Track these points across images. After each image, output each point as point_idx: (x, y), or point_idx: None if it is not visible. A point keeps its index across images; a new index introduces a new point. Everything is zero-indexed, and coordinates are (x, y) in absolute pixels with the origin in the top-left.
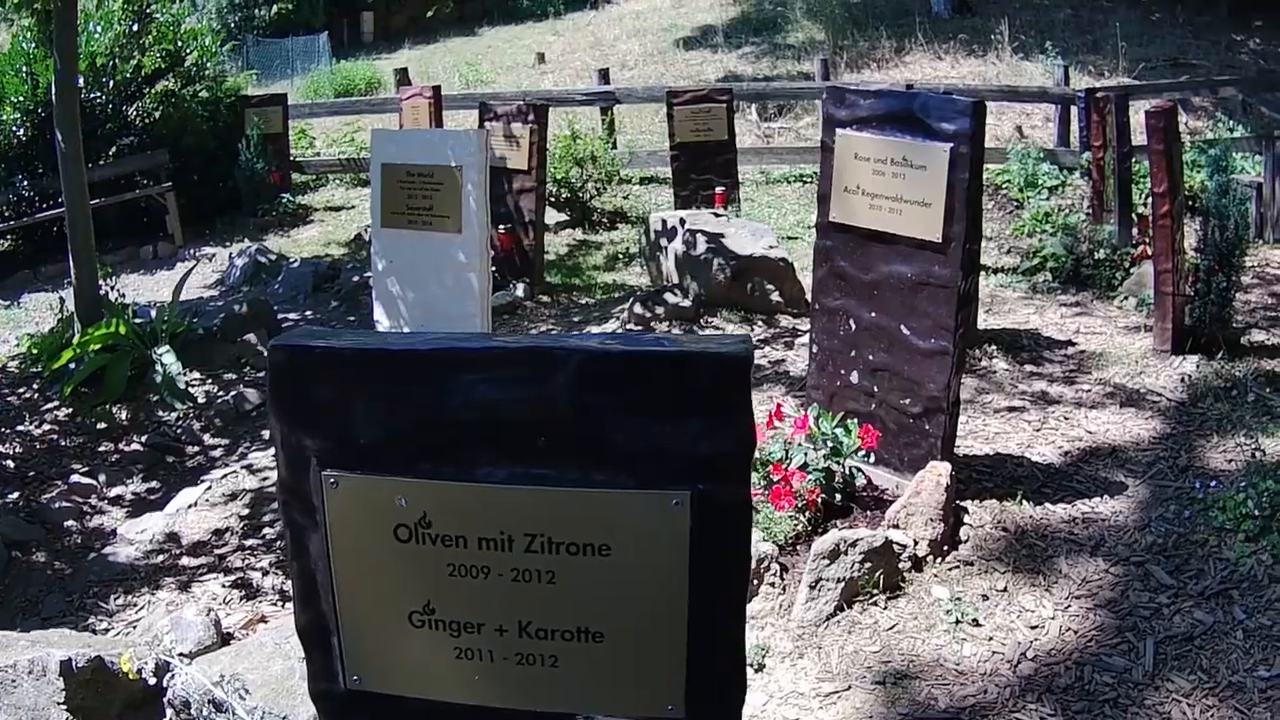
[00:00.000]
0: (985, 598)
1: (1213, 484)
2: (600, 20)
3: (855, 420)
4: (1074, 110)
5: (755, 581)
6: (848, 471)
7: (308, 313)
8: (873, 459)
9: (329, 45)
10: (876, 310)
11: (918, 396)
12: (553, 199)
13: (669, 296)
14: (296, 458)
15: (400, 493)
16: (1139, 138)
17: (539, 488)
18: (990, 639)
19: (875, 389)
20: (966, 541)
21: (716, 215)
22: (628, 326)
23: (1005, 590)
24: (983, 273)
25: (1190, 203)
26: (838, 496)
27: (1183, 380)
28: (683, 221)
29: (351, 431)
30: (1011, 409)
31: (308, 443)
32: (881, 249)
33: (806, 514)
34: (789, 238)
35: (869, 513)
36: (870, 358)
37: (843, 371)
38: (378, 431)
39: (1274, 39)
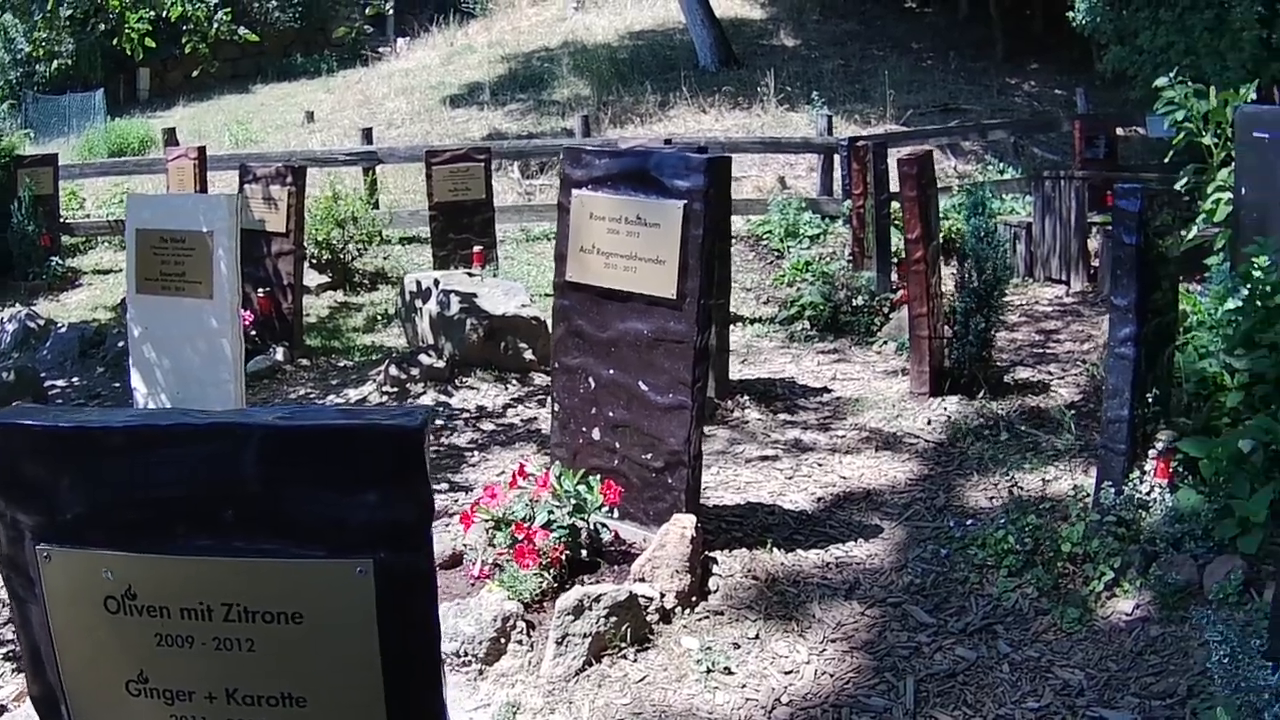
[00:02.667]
0: (737, 646)
1: (970, 522)
2: (370, 78)
3: (599, 476)
4: (837, 159)
5: (502, 640)
6: (593, 528)
7: (75, 379)
8: (617, 514)
9: (105, 103)
10: (615, 367)
11: (659, 451)
12: (314, 261)
13: (423, 358)
14: (13, 532)
15: (106, 566)
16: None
17: (234, 559)
18: (744, 686)
19: (617, 445)
20: (716, 591)
21: (471, 275)
22: (384, 389)
23: (757, 638)
24: (740, 323)
25: (955, 245)
26: (584, 553)
27: (940, 422)
28: (437, 282)
29: (59, 506)
30: (764, 458)
31: (21, 517)
32: (618, 307)
33: (551, 571)
34: (546, 295)
35: (616, 567)
36: (611, 414)
37: (585, 429)
38: (82, 506)
39: (1048, 82)
